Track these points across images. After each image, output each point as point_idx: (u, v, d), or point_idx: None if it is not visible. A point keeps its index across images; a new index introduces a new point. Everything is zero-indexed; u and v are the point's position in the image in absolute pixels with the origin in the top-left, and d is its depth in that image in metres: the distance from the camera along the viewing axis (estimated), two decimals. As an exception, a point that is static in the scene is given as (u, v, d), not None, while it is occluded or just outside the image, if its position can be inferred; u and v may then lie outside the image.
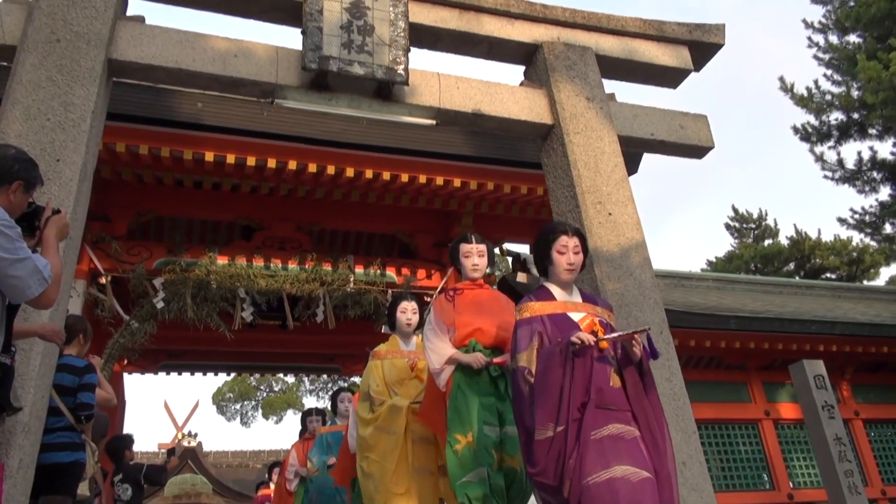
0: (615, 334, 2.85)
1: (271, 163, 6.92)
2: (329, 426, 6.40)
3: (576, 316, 2.97)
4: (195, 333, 8.24)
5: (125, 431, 10.96)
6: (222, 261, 7.72)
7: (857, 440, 9.02)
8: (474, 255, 3.79)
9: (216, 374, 12.60)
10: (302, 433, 7.29)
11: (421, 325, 4.15)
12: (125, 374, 11.00)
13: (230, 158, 6.80)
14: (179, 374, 12.01)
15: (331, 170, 7.12)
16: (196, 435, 26.10)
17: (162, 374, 11.88)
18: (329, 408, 7.01)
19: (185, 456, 25.17)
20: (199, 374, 12.17)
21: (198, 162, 6.80)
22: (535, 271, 9.71)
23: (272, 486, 8.74)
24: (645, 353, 2.88)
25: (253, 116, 6.70)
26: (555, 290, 3.07)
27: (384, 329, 4.39)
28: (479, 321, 3.63)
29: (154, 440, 47.67)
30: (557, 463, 2.64)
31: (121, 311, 7.50)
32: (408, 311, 4.26)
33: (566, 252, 3.04)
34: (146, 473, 6.99)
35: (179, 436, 26.75)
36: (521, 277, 3.50)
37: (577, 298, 3.08)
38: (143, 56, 4.04)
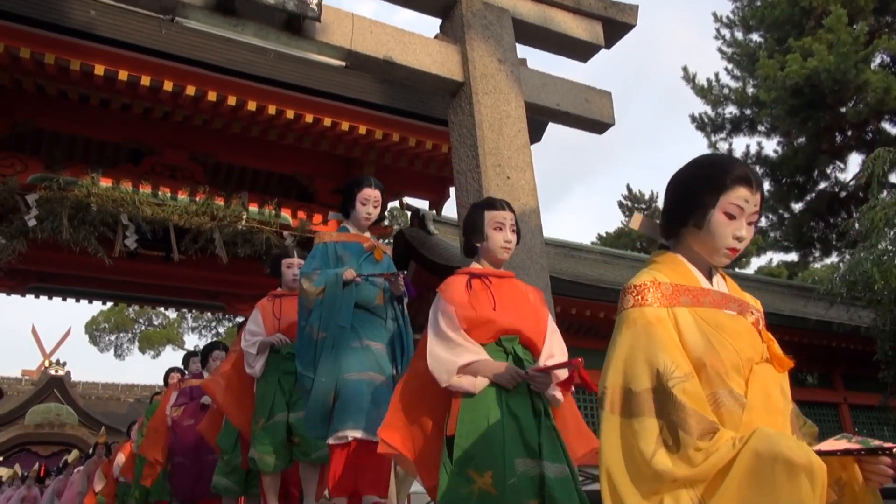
0: None
1: (168, 85, 6.54)
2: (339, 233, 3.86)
3: None
4: (70, 257, 7.80)
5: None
6: (105, 183, 7.27)
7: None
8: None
9: (91, 302, 11.92)
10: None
11: None
12: (-12, 294, 10.31)
13: (122, 75, 6.38)
14: (50, 298, 11.33)
15: (231, 100, 6.83)
16: (64, 364, 24.98)
17: (31, 297, 11.18)
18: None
19: (50, 385, 24.07)
20: (72, 301, 11.52)
21: (86, 74, 6.34)
22: (432, 228, 9.76)
23: (206, 374, 5.70)
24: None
25: (151, 33, 6.29)
26: None
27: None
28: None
29: (18, 366, 45.23)
30: None
31: (-15, 225, 6.98)
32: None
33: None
34: None
35: (47, 363, 25.57)
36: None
37: None
38: (30, -51, 3.70)
